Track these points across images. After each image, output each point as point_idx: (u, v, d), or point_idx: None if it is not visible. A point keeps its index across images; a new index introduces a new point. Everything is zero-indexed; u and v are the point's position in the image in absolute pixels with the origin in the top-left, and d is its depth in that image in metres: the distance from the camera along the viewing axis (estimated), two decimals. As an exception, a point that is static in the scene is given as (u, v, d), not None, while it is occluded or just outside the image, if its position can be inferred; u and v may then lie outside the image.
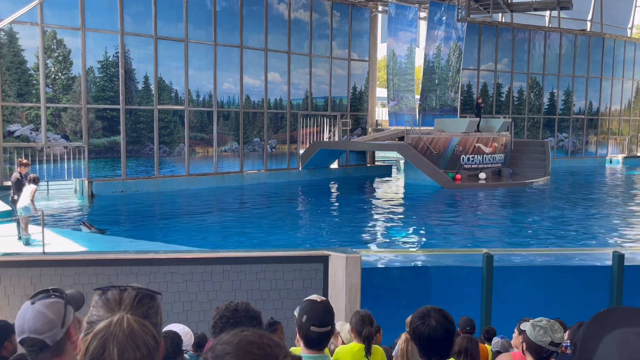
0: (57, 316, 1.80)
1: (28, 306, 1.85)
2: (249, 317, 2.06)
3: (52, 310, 1.82)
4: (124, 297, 1.34)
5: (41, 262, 7.53)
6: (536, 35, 33.28)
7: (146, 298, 1.36)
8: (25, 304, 1.87)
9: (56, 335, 1.80)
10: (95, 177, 19.44)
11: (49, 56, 18.57)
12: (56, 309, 1.83)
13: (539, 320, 2.94)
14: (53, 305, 1.83)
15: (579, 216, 17.36)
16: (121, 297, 1.34)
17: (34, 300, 1.86)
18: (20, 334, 1.81)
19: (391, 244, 13.21)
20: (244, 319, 2.05)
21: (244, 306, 2.11)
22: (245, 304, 2.13)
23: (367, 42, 28.08)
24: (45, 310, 1.80)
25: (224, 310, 2.09)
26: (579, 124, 35.40)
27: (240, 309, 2.09)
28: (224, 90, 22.84)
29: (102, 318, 1.30)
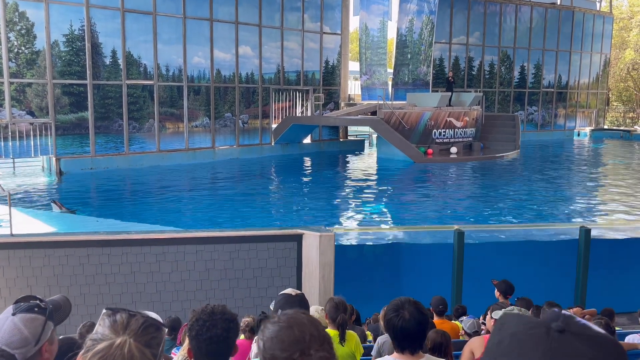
0: (33, 334, 1.81)
1: (8, 316, 1.85)
2: (225, 320, 2.07)
3: (29, 327, 1.83)
4: (131, 322, 1.37)
5: (9, 244, 7.38)
6: (507, 8, 33.39)
7: (152, 327, 1.40)
8: (6, 311, 1.87)
9: (27, 353, 1.81)
10: (63, 154, 19.04)
11: (11, 29, 17.93)
12: (34, 326, 1.84)
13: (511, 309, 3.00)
14: (32, 322, 1.84)
15: (547, 190, 17.71)
16: (129, 321, 1.37)
17: (16, 309, 1.86)
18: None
19: (364, 221, 13.31)
20: (220, 321, 2.06)
21: (220, 309, 2.12)
22: (222, 307, 2.14)
23: (339, 15, 27.80)
24: (21, 326, 1.81)
25: (200, 313, 2.10)
26: (549, 97, 35.88)
27: (216, 312, 2.09)
28: (194, 64, 22.44)
29: (105, 338, 1.34)
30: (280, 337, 1.38)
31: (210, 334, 2.03)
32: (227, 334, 2.06)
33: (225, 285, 7.58)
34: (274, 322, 1.43)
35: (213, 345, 2.03)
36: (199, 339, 2.05)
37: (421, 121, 24.06)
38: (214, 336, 2.03)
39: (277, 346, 1.37)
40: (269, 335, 1.40)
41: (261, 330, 1.44)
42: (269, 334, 1.40)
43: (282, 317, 1.43)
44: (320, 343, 1.37)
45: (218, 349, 2.04)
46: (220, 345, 2.04)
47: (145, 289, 7.53)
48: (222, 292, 7.52)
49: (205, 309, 2.12)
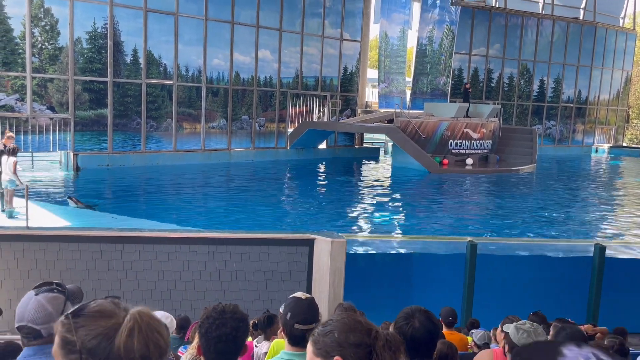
0: (56, 311, 1.92)
1: (31, 296, 1.97)
2: (236, 319, 2.08)
3: (52, 304, 1.94)
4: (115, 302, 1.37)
5: (25, 237, 7.47)
6: (529, 21, 33.21)
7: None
8: (29, 293, 1.99)
9: (51, 329, 1.88)
10: (80, 150, 19.24)
11: (36, 25, 18.21)
12: (56, 303, 1.96)
13: (522, 324, 2.97)
14: (54, 300, 1.96)
15: (563, 205, 17.54)
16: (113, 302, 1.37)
17: (38, 291, 1.98)
18: (20, 321, 1.94)
19: (377, 229, 13.27)
20: (230, 320, 2.07)
21: (231, 308, 2.13)
22: (234, 307, 2.15)
23: (359, 22, 27.84)
24: (46, 303, 1.93)
25: (212, 311, 2.12)
26: (567, 112, 35.57)
27: (227, 311, 2.11)
28: (213, 66, 22.60)
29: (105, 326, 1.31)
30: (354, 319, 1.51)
31: (219, 333, 2.05)
32: (236, 334, 2.07)
33: (235, 287, 7.60)
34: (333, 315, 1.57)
35: (221, 344, 2.05)
36: (208, 337, 2.07)
37: (438, 131, 23.98)
38: (223, 335, 2.05)
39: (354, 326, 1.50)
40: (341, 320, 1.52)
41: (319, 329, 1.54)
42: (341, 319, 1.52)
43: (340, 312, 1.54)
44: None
45: (226, 348, 2.06)
46: (228, 344, 2.06)
47: (156, 286, 7.57)
48: (232, 294, 7.53)
49: (217, 307, 2.14)
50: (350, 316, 1.54)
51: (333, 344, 1.49)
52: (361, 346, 1.47)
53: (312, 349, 1.54)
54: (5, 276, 7.32)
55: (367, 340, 1.48)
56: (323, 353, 1.50)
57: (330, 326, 1.53)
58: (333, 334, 1.50)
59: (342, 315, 1.55)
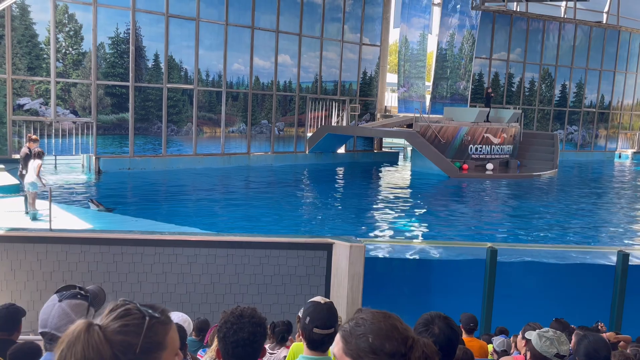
0: (79, 318, 1.90)
1: (55, 302, 1.98)
2: (253, 324, 2.08)
3: (75, 311, 1.96)
4: (117, 309, 1.33)
5: (47, 239, 7.58)
6: (550, 25, 32.88)
7: (132, 314, 1.32)
8: (52, 298, 1.99)
9: None
10: (102, 154, 19.50)
11: (60, 30, 18.52)
12: (80, 310, 1.97)
13: (545, 331, 2.93)
14: (77, 307, 1.97)
15: (585, 211, 17.30)
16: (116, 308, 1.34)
17: (61, 297, 1.98)
18: (43, 327, 1.95)
19: (396, 234, 13.22)
20: (248, 325, 2.07)
21: (249, 312, 2.13)
22: (252, 310, 2.15)
23: (379, 26, 27.82)
24: (69, 311, 1.95)
25: (230, 315, 2.12)
26: (590, 117, 35.10)
27: (245, 315, 2.11)
28: (233, 70, 22.76)
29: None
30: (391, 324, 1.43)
31: (236, 337, 2.06)
32: (254, 338, 2.07)
33: (254, 290, 7.62)
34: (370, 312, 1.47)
35: (239, 349, 2.05)
36: (226, 341, 2.08)
37: (457, 136, 23.84)
38: (240, 340, 2.05)
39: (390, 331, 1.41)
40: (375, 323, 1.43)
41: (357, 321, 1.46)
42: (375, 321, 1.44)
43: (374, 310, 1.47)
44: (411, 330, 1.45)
45: (244, 352, 2.06)
46: (246, 348, 2.06)
47: (175, 289, 7.63)
48: (251, 297, 7.55)
49: (235, 311, 2.14)
50: (386, 320, 1.45)
51: (366, 349, 1.41)
52: (396, 356, 1.40)
53: (342, 346, 1.46)
54: (29, 277, 7.44)
55: (403, 349, 1.41)
56: (354, 355, 1.43)
57: (364, 328, 1.44)
58: (367, 338, 1.42)
59: (377, 318, 1.45)
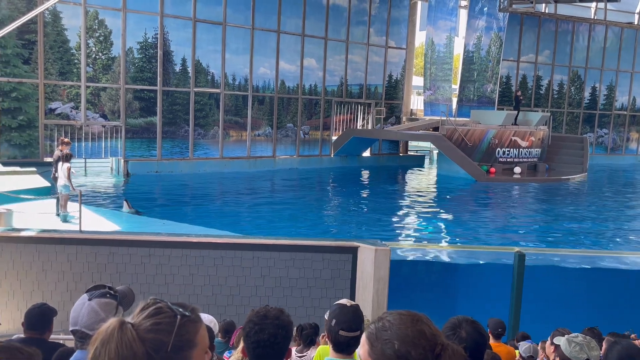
0: (109, 317, 1.95)
1: (85, 301, 2.03)
2: (275, 326, 2.07)
3: (105, 310, 2.00)
4: (149, 308, 1.35)
5: (78, 240, 7.73)
6: (580, 27, 32.35)
7: (163, 313, 1.34)
8: (82, 297, 2.04)
9: None
10: (131, 157, 19.80)
11: (91, 36, 18.89)
12: (109, 309, 2.02)
13: (574, 336, 2.87)
14: (107, 306, 2.02)
15: (615, 216, 16.94)
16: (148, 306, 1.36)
17: (91, 295, 2.03)
18: (74, 325, 2.00)
19: (421, 237, 13.13)
20: (270, 327, 2.07)
21: (274, 313, 2.12)
22: (278, 312, 2.14)
23: (405, 29, 27.73)
24: (99, 310, 1.99)
25: (254, 315, 2.13)
26: (621, 120, 34.41)
27: (269, 316, 2.10)
28: (259, 74, 22.91)
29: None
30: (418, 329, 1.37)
31: (257, 338, 2.06)
32: (275, 340, 2.06)
33: (279, 293, 7.65)
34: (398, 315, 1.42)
35: (259, 349, 2.06)
36: (248, 341, 2.10)
37: (485, 139, 23.59)
38: (261, 341, 2.06)
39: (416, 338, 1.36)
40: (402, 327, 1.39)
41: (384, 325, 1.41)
42: (402, 326, 1.39)
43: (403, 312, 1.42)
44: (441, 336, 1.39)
45: (264, 353, 2.06)
46: (266, 349, 2.06)
47: (202, 291, 7.70)
48: (277, 300, 7.58)
49: (261, 311, 2.14)
50: (414, 325, 1.39)
51: (391, 355, 1.37)
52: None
53: (367, 348, 1.43)
54: (60, 278, 7.59)
55: (430, 356, 1.35)
56: (380, 359, 1.40)
57: (390, 333, 1.40)
58: (393, 344, 1.38)
59: (404, 322, 1.40)
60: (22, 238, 7.69)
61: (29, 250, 7.59)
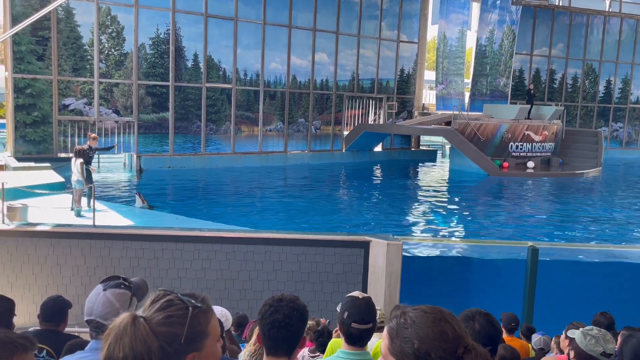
0: (123, 307, 1.99)
1: (100, 291, 2.04)
2: (290, 308, 2.10)
3: (119, 300, 2.01)
4: (159, 300, 1.35)
5: (91, 235, 7.80)
6: (594, 19, 31.96)
7: (175, 305, 1.34)
8: (97, 287, 2.06)
9: None
10: (143, 152, 19.91)
11: (103, 32, 18.99)
12: (123, 300, 2.02)
13: (589, 329, 2.83)
14: (121, 296, 2.02)
15: (631, 210, 16.77)
16: (158, 299, 1.36)
17: (106, 286, 2.04)
18: (89, 315, 2.01)
19: (434, 232, 13.09)
20: (285, 308, 2.10)
21: (290, 297, 2.16)
22: (293, 297, 2.17)
23: (417, 23, 27.56)
24: (113, 300, 2.00)
25: (270, 299, 2.17)
26: (636, 113, 33.99)
27: (284, 299, 2.14)
28: (271, 69, 22.91)
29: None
30: (441, 329, 1.31)
31: (272, 319, 2.08)
32: (289, 321, 2.08)
33: (291, 287, 7.67)
34: (422, 311, 1.36)
35: (274, 330, 2.06)
36: (263, 322, 2.11)
37: (497, 133, 23.42)
38: (276, 321, 2.07)
39: (438, 338, 1.30)
40: (424, 324, 1.33)
41: (405, 320, 1.36)
42: (424, 323, 1.33)
43: (428, 308, 1.37)
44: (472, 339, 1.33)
45: (278, 334, 2.07)
46: (281, 330, 2.06)
47: (214, 285, 7.74)
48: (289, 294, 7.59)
49: (275, 295, 2.18)
50: (435, 326, 1.32)
51: (410, 355, 1.32)
52: None
53: (388, 343, 1.38)
54: (74, 272, 7.67)
55: (451, 358, 1.29)
56: (398, 356, 1.35)
57: (411, 331, 1.34)
58: (413, 343, 1.32)
59: (426, 321, 1.33)
60: (37, 232, 7.78)
61: (44, 245, 7.68)
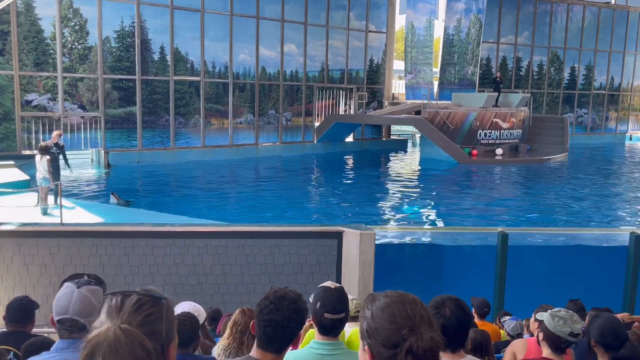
0: (99, 303, 1.91)
1: (73, 289, 1.95)
2: (290, 310, 2.05)
3: (96, 296, 1.95)
4: (125, 304, 1.30)
5: (59, 233, 7.64)
6: (558, 7, 32.51)
7: (147, 304, 1.31)
8: (66, 286, 1.97)
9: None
10: (111, 148, 19.57)
11: (66, 25, 18.54)
12: (98, 296, 1.96)
13: (557, 311, 2.90)
14: (96, 292, 1.96)
15: (596, 194, 17.17)
16: (122, 303, 1.30)
17: (79, 284, 1.96)
18: (63, 314, 1.92)
19: (406, 220, 13.20)
20: (285, 310, 2.05)
21: (292, 296, 2.10)
22: (296, 296, 2.12)
23: (385, 13, 27.63)
24: (91, 297, 1.93)
25: (272, 294, 2.10)
26: (600, 99, 34.78)
27: (287, 299, 2.08)
28: (239, 61, 22.72)
29: (99, 325, 1.27)
30: (391, 310, 1.39)
31: (270, 317, 2.04)
32: (287, 323, 2.04)
33: (265, 280, 7.64)
34: (385, 295, 1.44)
35: (270, 329, 2.04)
36: (260, 317, 2.07)
37: (466, 121, 23.70)
38: (273, 320, 2.03)
39: (387, 318, 1.38)
40: (380, 306, 1.41)
41: (370, 301, 1.45)
42: (381, 304, 1.41)
43: (393, 292, 1.45)
44: (430, 325, 1.38)
45: (273, 333, 2.04)
46: (276, 330, 2.04)
47: (187, 280, 7.66)
48: (263, 287, 7.58)
49: (279, 291, 2.11)
50: (389, 306, 1.40)
51: (364, 332, 1.42)
52: (386, 346, 1.35)
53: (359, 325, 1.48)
54: (42, 272, 7.50)
55: (395, 339, 1.34)
56: (361, 334, 1.45)
57: (368, 311, 1.43)
58: (366, 321, 1.42)
59: (382, 303, 1.41)
60: (2, 232, 7.58)
61: (10, 245, 7.48)
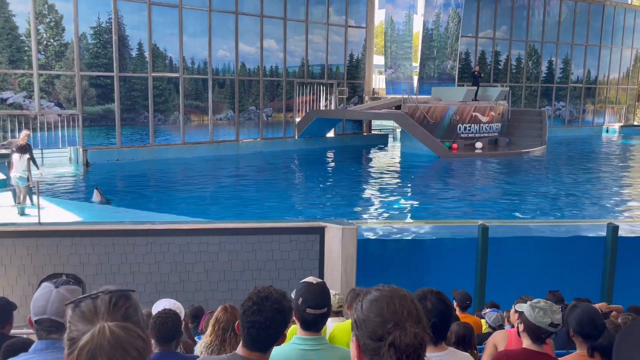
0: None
1: (51, 289, 1.91)
2: (274, 310, 2.03)
3: (74, 296, 1.88)
4: (98, 305, 1.28)
5: (37, 233, 7.53)
6: (535, 1, 32.82)
7: (121, 300, 1.30)
8: (44, 286, 1.94)
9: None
10: (90, 145, 19.32)
11: (41, 22, 18.23)
12: (77, 295, 1.90)
13: (537, 302, 2.93)
14: (75, 292, 1.91)
15: (574, 186, 17.41)
16: (95, 305, 1.28)
17: (57, 283, 1.93)
18: (41, 314, 1.88)
19: (387, 215, 13.25)
20: (268, 310, 2.03)
21: (275, 296, 2.07)
22: (280, 296, 2.09)
23: (364, 8, 27.64)
24: (69, 296, 1.87)
25: (256, 294, 2.07)
26: (577, 92, 35.23)
27: (270, 299, 2.05)
28: (219, 57, 22.55)
29: (82, 332, 1.24)
30: (380, 304, 1.39)
31: (253, 319, 2.03)
32: (270, 324, 2.03)
33: (247, 277, 7.63)
34: (377, 289, 1.45)
35: (253, 330, 2.02)
36: (244, 318, 2.05)
37: (446, 116, 23.84)
38: (256, 322, 2.02)
39: (374, 311, 1.38)
40: (370, 298, 1.42)
41: (364, 293, 1.46)
42: (371, 297, 1.42)
43: (385, 287, 1.46)
44: (417, 321, 1.38)
45: (258, 335, 2.03)
46: (260, 332, 2.03)
47: (169, 278, 7.61)
48: (245, 283, 7.56)
49: (262, 291, 2.09)
50: (379, 300, 1.40)
51: (354, 324, 1.43)
52: (372, 338, 1.36)
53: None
54: (20, 272, 7.39)
55: (380, 332, 1.35)
56: (352, 326, 1.46)
57: (359, 304, 1.44)
58: (357, 313, 1.42)
59: (373, 297, 1.42)
60: (-22, 233, 7.44)
61: (-14, 245, 7.36)
